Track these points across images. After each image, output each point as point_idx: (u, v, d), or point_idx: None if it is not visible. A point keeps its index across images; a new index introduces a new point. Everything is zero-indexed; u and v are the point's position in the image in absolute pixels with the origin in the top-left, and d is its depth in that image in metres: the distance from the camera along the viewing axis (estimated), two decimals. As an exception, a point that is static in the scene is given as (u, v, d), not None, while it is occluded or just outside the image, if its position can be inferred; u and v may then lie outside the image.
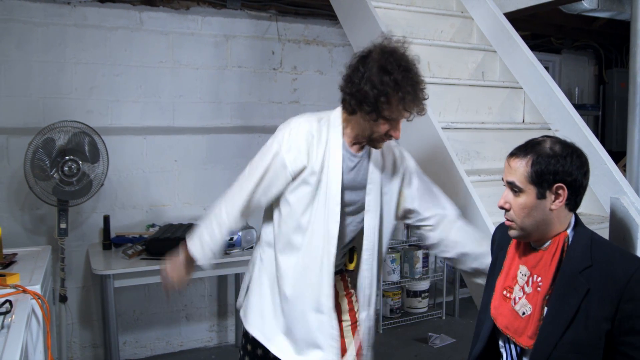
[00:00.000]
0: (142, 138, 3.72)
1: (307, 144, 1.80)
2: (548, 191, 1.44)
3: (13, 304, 1.69)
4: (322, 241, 1.80)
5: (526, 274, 1.51)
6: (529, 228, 1.47)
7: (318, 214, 1.80)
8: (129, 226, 3.68)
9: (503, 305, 1.55)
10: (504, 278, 1.58)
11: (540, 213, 1.45)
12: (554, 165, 1.43)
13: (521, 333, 1.47)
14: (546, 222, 1.46)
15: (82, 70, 3.54)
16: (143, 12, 3.69)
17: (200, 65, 3.87)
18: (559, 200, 1.44)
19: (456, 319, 4.58)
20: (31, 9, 3.38)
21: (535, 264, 1.49)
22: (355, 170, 1.86)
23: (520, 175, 1.46)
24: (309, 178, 1.80)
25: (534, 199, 1.45)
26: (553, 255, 1.46)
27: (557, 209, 1.45)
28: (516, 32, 2.80)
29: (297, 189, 1.82)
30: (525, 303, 1.48)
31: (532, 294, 1.47)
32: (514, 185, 1.47)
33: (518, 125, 2.69)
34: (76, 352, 3.63)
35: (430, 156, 2.34)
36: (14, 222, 3.38)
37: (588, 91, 5.75)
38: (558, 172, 1.43)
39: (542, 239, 1.50)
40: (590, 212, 2.40)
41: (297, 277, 1.83)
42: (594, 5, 3.50)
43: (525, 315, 1.47)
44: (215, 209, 1.92)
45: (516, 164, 1.48)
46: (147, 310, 3.83)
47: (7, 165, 3.36)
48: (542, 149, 1.47)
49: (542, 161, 1.44)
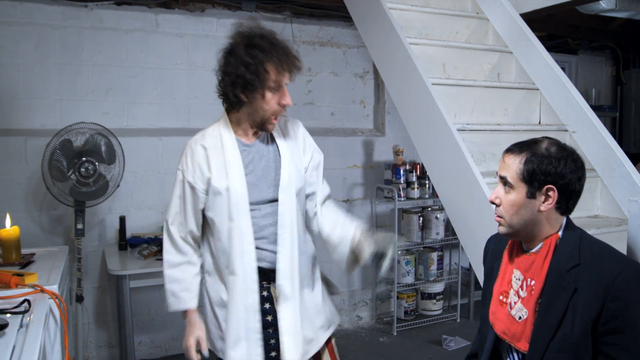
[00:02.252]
0: (157, 139, 3.75)
1: (204, 157, 1.87)
2: (538, 191, 1.43)
3: (31, 304, 1.71)
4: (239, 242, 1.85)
5: (520, 278, 1.50)
6: (517, 226, 1.47)
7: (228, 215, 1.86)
8: (144, 227, 3.71)
9: (500, 311, 1.54)
10: (499, 283, 1.57)
11: (529, 212, 1.45)
12: (546, 165, 1.42)
13: (519, 338, 1.46)
14: (534, 223, 1.46)
15: (99, 72, 3.57)
16: (159, 14, 3.71)
17: (215, 67, 3.88)
18: (548, 202, 1.43)
19: (471, 322, 4.55)
20: (49, 12, 3.42)
21: (528, 267, 1.48)
22: (259, 156, 1.90)
23: (513, 171, 1.46)
24: (218, 186, 1.84)
25: (523, 197, 1.45)
26: (545, 257, 1.45)
27: (547, 211, 1.44)
28: (532, 32, 2.78)
29: (214, 202, 1.86)
30: (521, 307, 1.47)
31: (527, 297, 1.46)
32: (506, 180, 1.48)
33: (534, 126, 2.67)
34: (92, 351, 3.66)
35: (446, 158, 2.33)
36: (32, 223, 3.43)
37: (605, 92, 5.69)
38: (550, 173, 1.42)
39: (531, 239, 1.49)
40: (607, 215, 2.38)
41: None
42: (611, 5, 3.46)
43: (521, 320, 1.46)
44: (164, 262, 1.97)
45: (510, 160, 1.48)
46: (162, 310, 3.84)
47: (25, 167, 3.40)
48: (537, 148, 1.46)
49: (535, 160, 1.44)
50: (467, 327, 4.43)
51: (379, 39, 2.80)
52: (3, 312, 1.65)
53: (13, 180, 3.39)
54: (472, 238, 2.25)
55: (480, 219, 2.11)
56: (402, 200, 4.18)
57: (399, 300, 4.42)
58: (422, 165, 4.20)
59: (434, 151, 2.45)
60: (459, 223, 2.34)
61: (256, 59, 1.75)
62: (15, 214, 2.97)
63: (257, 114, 1.84)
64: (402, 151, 4.27)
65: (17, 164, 3.39)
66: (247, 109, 1.85)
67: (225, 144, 1.88)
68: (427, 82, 2.42)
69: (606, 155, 2.37)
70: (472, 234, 2.23)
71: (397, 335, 4.23)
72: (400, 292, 4.42)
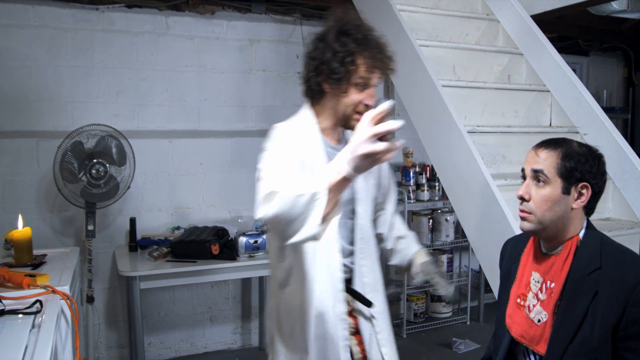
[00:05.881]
0: (167, 141, 3.77)
1: (296, 143, 1.68)
2: (573, 188, 1.42)
3: (43, 304, 1.72)
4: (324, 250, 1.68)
5: (539, 280, 1.48)
6: (547, 222, 1.43)
7: None
8: (154, 228, 3.73)
9: (517, 314, 1.52)
10: (517, 286, 1.55)
11: (562, 209, 1.42)
12: (583, 164, 1.41)
13: (538, 341, 1.44)
14: (564, 220, 1.43)
15: (109, 74, 3.59)
16: (169, 17, 3.73)
17: (225, 69, 3.90)
18: (581, 200, 1.43)
19: (481, 325, 4.53)
20: (61, 15, 3.45)
21: (548, 270, 1.46)
22: None
23: (549, 165, 1.43)
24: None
25: (559, 193, 1.42)
26: (565, 259, 1.43)
27: (577, 209, 1.43)
28: (543, 34, 2.76)
29: None
30: (540, 310, 1.45)
31: (547, 300, 1.44)
32: (542, 173, 1.43)
33: (545, 128, 2.66)
34: (102, 352, 3.68)
35: (456, 160, 2.32)
36: (43, 224, 3.45)
37: (617, 94, 5.64)
38: (586, 172, 1.41)
39: (553, 239, 1.46)
40: (619, 217, 2.36)
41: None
42: (623, 6, 3.43)
43: (541, 323, 1.44)
44: (280, 196, 1.39)
45: (545, 154, 1.45)
46: (172, 311, 3.87)
47: (37, 168, 3.43)
48: (572, 145, 1.45)
49: (574, 156, 1.42)
50: (477, 329, 4.41)
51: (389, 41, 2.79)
52: (15, 312, 1.66)
53: (25, 182, 3.42)
54: (482, 240, 2.24)
55: (491, 221, 2.10)
56: (411, 202, 4.16)
57: (409, 302, 4.41)
58: (432, 167, 4.19)
59: (444, 153, 2.45)
60: (469, 225, 2.33)
61: (346, 48, 1.59)
62: (27, 215, 3.00)
63: (338, 108, 1.67)
64: (412, 153, 4.26)
65: (29, 166, 3.42)
66: (329, 101, 1.69)
67: (311, 141, 1.70)
68: (437, 84, 2.41)
69: (618, 158, 2.35)
70: (483, 236, 2.22)
71: (407, 338, 4.22)
72: (410, 295, 4.41)
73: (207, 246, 3.16)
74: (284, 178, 1.48)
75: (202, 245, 3.18)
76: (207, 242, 3.18)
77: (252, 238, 3.29)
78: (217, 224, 3.62)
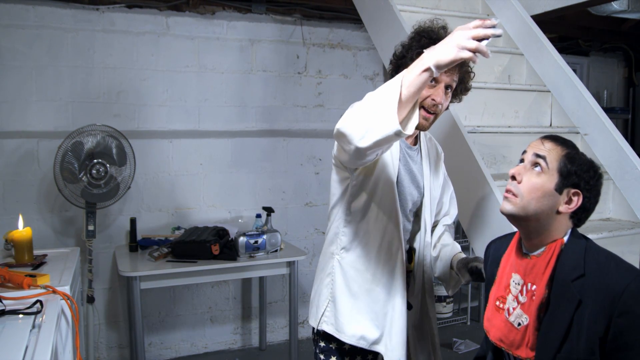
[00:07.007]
0: (168, 141, 3.77)
1: None
2: (566, 190, 1.37)
3: (43, 304, 1.72)
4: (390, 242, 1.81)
5: (519, 282, 1.42)
6: (530, 212, 1.38)
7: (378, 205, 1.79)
8: (155, 228, 3.73)
9: (496, 317, 1.47)
10: (496, 288, 1.50)
11: (548, 205, 1.37)
12: (584, 171, 1.38)
13: (519, 345, 1.39)
14: (548, 219, 1.38)
15: (110, 74, 3.60)
16: (169, 17, 3.73)
17: (225, 69, 3.90)
18: (570, 206, 1.38)
19: (481, 325, 4.51)
20: (61, 15, 3.45)
21: (529, 271, 1.40)
22: (411, 164, 1.85)
23: (553, 157, 1.39)
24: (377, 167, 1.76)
25: (552, 187, 1.37)
26: (548, 262, 1.37)
27: (564, 215, 1.38)
28: (543, 34, 2.76)
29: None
30: (521, 313, 1.39)
31: (527, 303, 1.38)
32: (543, 160, 1.39)
33: (545, 129, 2.66)
34: (103, 352, 3.68)
35: (456, 160, 2.32)
36: (43, 224, 3.46)
37: (617, 94, 5.64)
38: (583, 180, 1.37)
39: (535, 238, 1.41)
40: (620, 218, 2.36)
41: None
42: (624, 6, 3.44)
43: (521, 326, 1.38)
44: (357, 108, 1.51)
45: (551, 145, 1.41)
46: (172, 312, 3.87)
47: (38, 168, 3.43)
48: (578, 151, 1.42)
49: (578, 160, 1.39)
50: (478, 330, 4.41)
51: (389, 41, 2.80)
52: (16, 312, 1.66)
53: (26, 182, 3.42)
54: (482, 240, 2.24)
55: (491, 221, 2.10)
56: (412, 202, 4.16)
57: (409, 302, 4.40)
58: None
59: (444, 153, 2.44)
60: (469, 225, 2.33)
61: (420, 43, 1.71)
62: (27, 216, 3.00)
63: None
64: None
65: (30, 166, 3.42)
66: None
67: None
68: (437, 84, 2.40)
69: (618, 158, 2.35)
70: (483, 236, 2.22)
71: (407, 338, 4.21)
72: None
73: (208, 246, 3.16)
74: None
75: (203, 245, 3.18)
76: (207, 242, 3.18)
77: (252, 238, 3.29)
78: (218, 224, 3.63)
